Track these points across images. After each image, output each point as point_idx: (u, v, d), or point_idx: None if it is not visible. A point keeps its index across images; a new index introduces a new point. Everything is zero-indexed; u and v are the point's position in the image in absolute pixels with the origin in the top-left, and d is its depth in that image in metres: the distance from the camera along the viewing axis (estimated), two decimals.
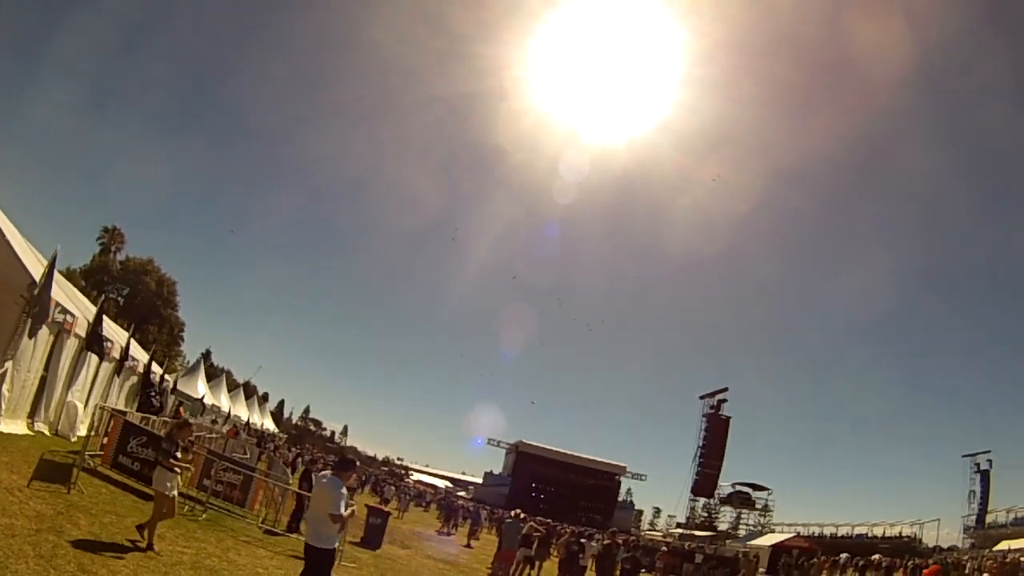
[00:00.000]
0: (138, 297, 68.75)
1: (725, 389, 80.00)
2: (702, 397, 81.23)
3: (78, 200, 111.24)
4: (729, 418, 78.49)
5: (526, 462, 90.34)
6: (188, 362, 66.84)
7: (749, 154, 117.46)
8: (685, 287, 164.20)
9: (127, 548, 8.90)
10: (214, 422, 36.96)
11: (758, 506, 78.43)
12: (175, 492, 10.01)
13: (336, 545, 7.70)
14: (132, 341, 24.53)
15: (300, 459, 37.20)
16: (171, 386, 31.17)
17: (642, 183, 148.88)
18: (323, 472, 8.46)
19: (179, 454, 10.20)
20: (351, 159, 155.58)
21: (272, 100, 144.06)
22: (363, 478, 47.80)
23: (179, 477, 10.37)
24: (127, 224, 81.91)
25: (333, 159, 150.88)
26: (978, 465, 62.42)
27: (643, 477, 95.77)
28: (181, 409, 30.28)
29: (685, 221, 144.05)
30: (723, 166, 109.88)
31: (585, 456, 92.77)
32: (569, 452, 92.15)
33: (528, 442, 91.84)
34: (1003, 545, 46.36)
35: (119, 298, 67.98)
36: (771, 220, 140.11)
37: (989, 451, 62.60)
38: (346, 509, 7.46)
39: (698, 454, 77.88)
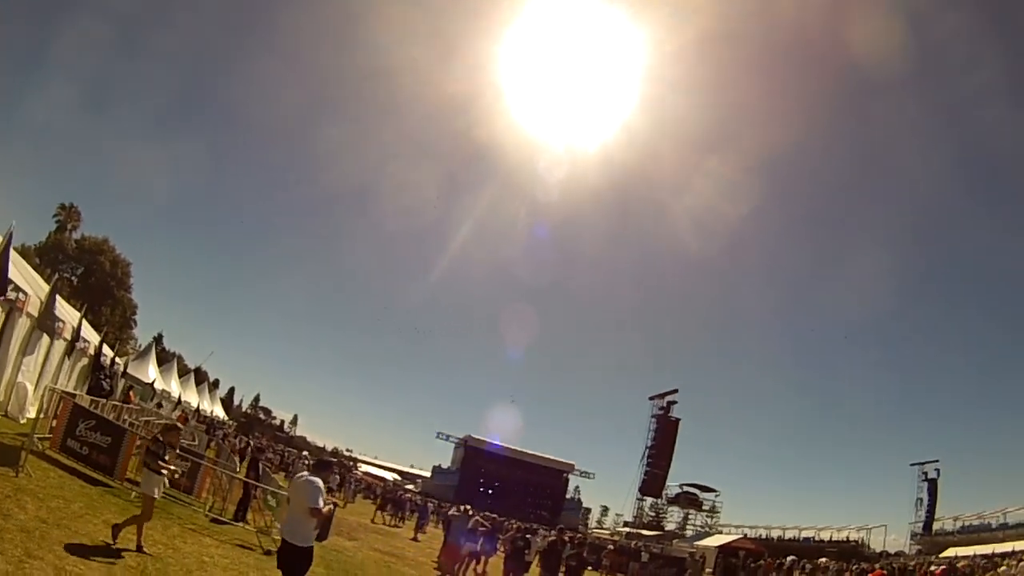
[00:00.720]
0: (92, 277, 67.42)
1: (675, 391, 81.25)
2: (652, 398, 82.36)
3: (36, 175, 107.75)
4: (678, 420, 79.73)
5: (474, 457, 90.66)
6: (140, 345, 65.73)
7: (733, 152, 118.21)
8: (638, 288, 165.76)
9: (75, 532, 8.98)
10: (159, 405, 36.39)
11: (705, 507, 79.85)
12: (160, 494, 10.16)
13: (312, 543, 7.63)
14: (84, 322, 24.22)
15: (248, 448, 36.94)
16: (122, 369, 30.71)
17: (608, 186, 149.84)
18: (301, 473, 8.45)
19: (167, 457, 10.30)
20: (307, 149, 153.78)
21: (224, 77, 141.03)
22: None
23: (165, 480, 10.46)
24: (85, 202, 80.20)
25: (289, 145, 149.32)
26: (926, 474, 64.35)
27: (591, 475, 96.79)
28: (131, 393, 29.94)
29: (639, 224, 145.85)
30: (715, 165, 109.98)
31: (534, 453, 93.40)
32: (518, 448, 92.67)
33: (477, 437, 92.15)
34: (950, 552, 47.84)
35: (73, 278, 66.61)
36: (727, 224, 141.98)
37: (937, 461, 64.77)
38: (324, 506, 7.49)
39: (646, 454, 78.90)
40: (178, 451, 11.68)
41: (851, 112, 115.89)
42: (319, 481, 7.51)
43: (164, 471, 10.18)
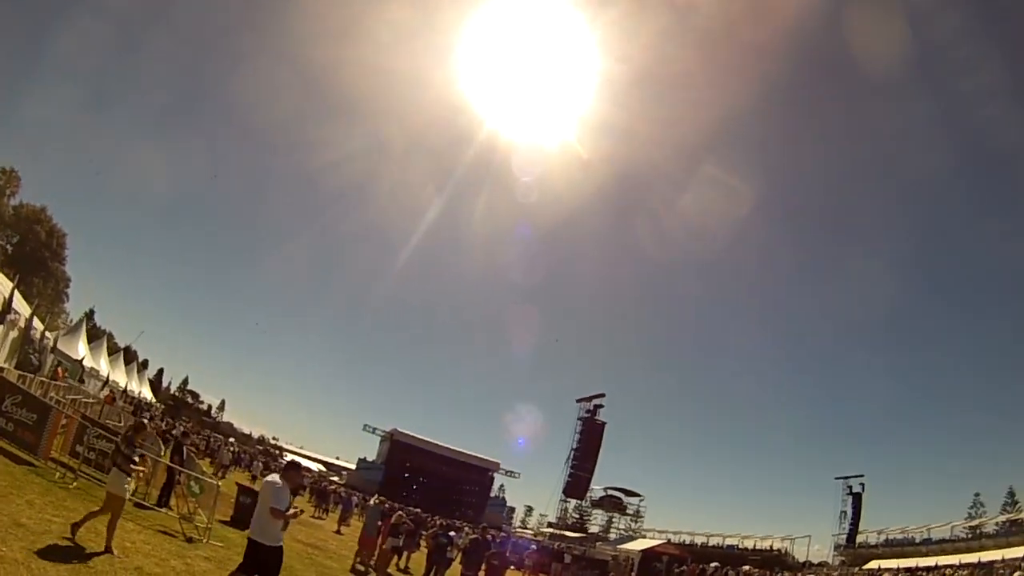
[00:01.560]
0: (27, 247, 65.32)
1: (602, 395, 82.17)
2: (579, 401, 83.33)
3: None
4: (604, 423, 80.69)
5: (400, 451, 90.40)
6: (71, 320, 64.15)
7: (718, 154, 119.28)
8: (574, 292, 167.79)
9: None
10: (81, 381, 35.50)
11: (629, 511, 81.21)
12: (128, 494, 10.30)
13: (282, 543, 7.91)
14: (17, 293, 23.78)
15: (173, 431, 36.51)
16: (51, 344, 30.11)
17: (549, 188, 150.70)
18: (271, 475, 8.66)
19: (136, 458, 10.43)
20: (244, 128, 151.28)
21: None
22: (236, 455, 47.24)
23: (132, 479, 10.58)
24: (26, 166, 77.23)
25: (232, 122, 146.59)
26: (850, 487, 66.34)
27: (516, 475, 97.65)
28: (60, 370, 29.43)
29: (577, 226, 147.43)
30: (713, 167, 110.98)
31: (460, 450, 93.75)
32: (444, 444, 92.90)
33: (403, 431, 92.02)
34: (873, 564, 49.79)
35: (8, 246, 64.50)
36: (659, 229, 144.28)
37: (862, 475, 66.86)
38: (288, 508, 7.79)
39: (571, 456, 79.62)
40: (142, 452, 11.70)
41: (835, 112, 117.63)
42: (282, 482, 7.88)
43: (133, 473, 10.33)
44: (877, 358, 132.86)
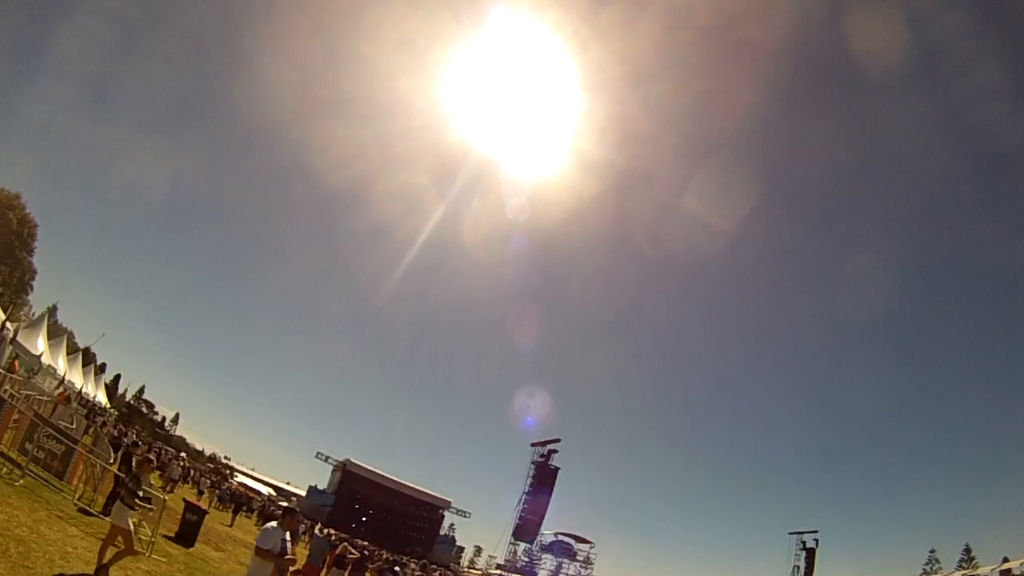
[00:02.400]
0: None
1: (557, 440, 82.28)
2: (533, 444, 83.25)
3: None
4: (558, 468, 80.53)
5: (351, 482, 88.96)
6: (33, 314, 62.92)
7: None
8: (536, 335, 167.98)
9: None
10: (30, 371, 34.64)
11: (580, 557, 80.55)
12: (131, 527, 10.11)
13: None
14: None
15: (124, 439, 35.77)
16: (11, 336, 29.51)
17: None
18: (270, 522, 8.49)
19: (141, 493, 10.31)
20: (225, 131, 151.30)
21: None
22: (186, 471, 46.24)
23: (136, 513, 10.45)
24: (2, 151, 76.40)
25: (215, 128, 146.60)
26: (804, 543, 66.21)
27: (467, 514, 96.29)
28: (16, 363, 28.82)
29: (523, 268, 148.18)
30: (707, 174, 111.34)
31: (411, 485, 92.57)
32: (396, 479, 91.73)
33: (356, 462, 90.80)
34: None
35: None
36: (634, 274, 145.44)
37: (816, 531, 66.63)
38: (282, 552, 7.58)
39: (523, 499, 79.21)
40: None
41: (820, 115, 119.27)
42: (277, 525, 7.79)
43: (137, 507, 10.22)
44: (832, 413, 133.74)
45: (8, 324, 29.49)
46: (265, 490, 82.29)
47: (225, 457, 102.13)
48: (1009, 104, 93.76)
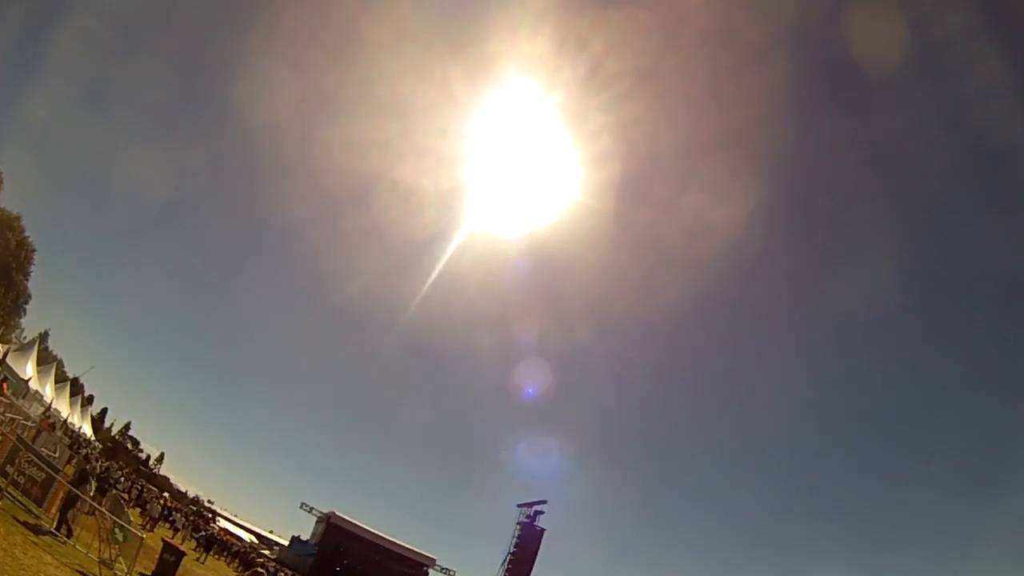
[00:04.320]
0: None
1: (544, 501, 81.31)
2: (520, 505, 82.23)
3: None
4: (543, 530, 79.31)
5: (335, 534, 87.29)
6: (24, 337, 62.26)
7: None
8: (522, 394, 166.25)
9: None
10: (16, 395, 33.81)
11: None
12: None
13: None
14: None
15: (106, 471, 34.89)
16: (0, 357, 28.96)
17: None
18: None
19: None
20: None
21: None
22: (167, 510, 45.02)
23: None
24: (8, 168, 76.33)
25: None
26: None
27: (452, 573, 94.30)
28: (5, 385, 28.14)
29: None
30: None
31: (396, 540, 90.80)
32: (380, 533, 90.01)
33: (340, 515, 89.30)
34: None
35: None
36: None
37: None
38: None
39: (507, 560, 77.85)
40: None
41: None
42: None
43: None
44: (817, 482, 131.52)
45: None
46: (247, 537, 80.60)
47: (208, 500, 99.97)
48: (1009, 104, 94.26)
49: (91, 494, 16.83)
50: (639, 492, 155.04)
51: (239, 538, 68.62)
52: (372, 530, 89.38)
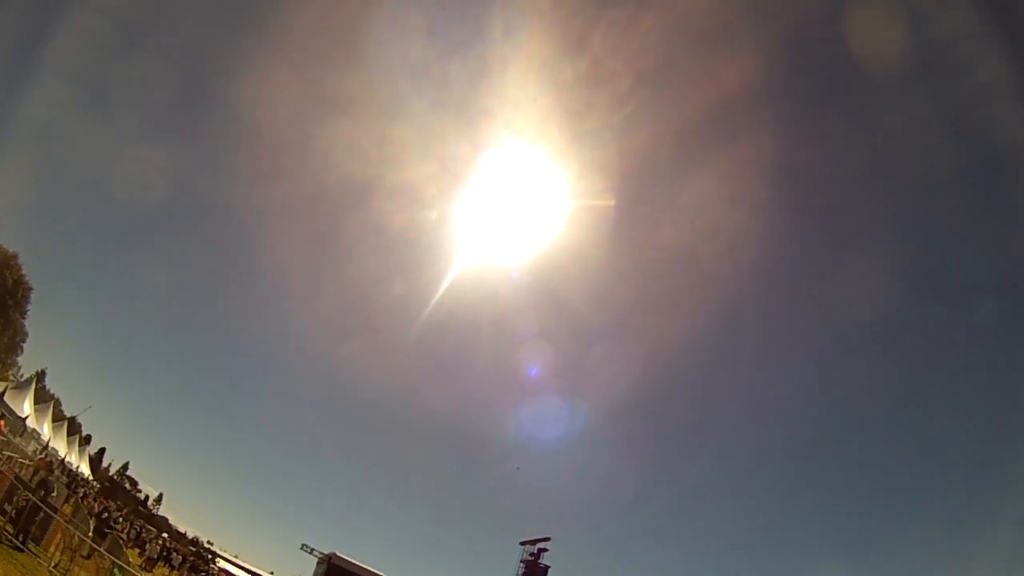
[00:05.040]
0: None
1: (548, 539, 79.95)
2: (523, 543, 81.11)
3: None
4: (548, 567, 78.12)
5: None
6: (21, 375, 61.68)
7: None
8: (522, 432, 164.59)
9: None
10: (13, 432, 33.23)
11: None
12: None
13: None
14: None
15: (107, 513, 34.19)
16: None
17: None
18: None
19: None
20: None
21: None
22: (166, 550, 44.23)
23: None
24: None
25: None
26: None
27: None
28: (2, 422, 27.62)
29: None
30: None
31: None
32: (382, 574, 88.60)
33: (342, 556, 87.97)
34: None
35: None
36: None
37: None
38: None
39: None
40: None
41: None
42: None
43: None
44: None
45: None
46: None
47: (208, 541, 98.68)
48: (1009, 104, 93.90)
49: (58, 507, 16.19)
50: (638, 493, 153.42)
51: None
52: (374, 571, 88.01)
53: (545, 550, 78.76)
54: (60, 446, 46.59)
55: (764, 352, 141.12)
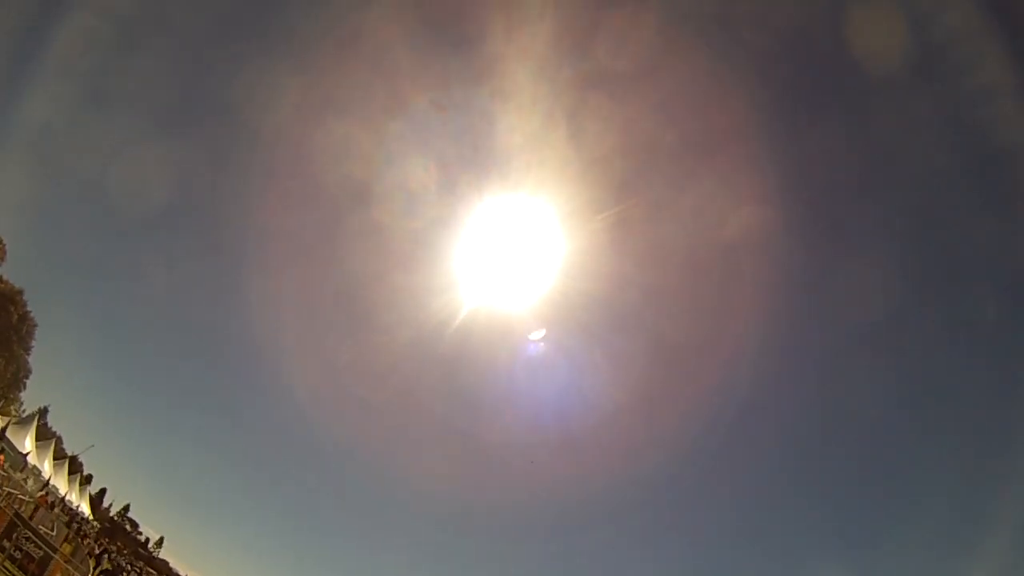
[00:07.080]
0: None
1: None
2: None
3: None
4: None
5: None
6: (23, 411, 60.83)
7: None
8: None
9: None
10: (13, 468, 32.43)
11: None
12: None
13: None
14: None
15: (106, 555, 32.98)
16: None
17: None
18: None
19: None
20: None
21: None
22: None
23: None
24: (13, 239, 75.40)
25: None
26: None
27: None
28: (2, 457, 26.80)
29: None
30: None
31: None
32: None
33: None
34: None
35: None
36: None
37: None
38: None
39: None
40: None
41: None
42: None
43: None
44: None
45: None
46: None
47: None
48: (1009, 104, 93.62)
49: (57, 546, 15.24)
50: (638, 493, 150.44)
51: None
52: None
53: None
54: (61, 484, 45.77)
55: (764, 352, 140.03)
